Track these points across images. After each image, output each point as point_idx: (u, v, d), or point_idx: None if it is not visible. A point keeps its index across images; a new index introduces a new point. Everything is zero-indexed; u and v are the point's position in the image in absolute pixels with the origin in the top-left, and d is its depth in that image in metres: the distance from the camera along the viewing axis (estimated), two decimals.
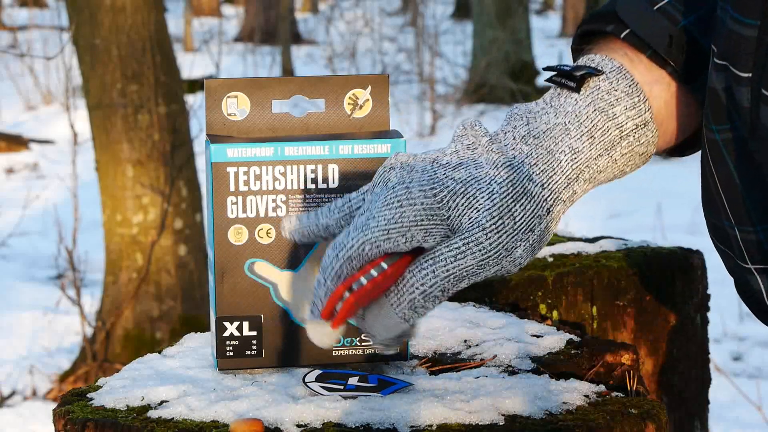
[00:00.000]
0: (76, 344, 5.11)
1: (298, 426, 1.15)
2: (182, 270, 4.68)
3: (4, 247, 6.56)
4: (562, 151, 1.16)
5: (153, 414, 1.18)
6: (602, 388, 1.24)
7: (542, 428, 1.14)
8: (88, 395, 1.24)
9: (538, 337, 1.37)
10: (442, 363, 1.31)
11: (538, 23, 16.90)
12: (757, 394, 4.34)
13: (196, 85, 9.46)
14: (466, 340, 1.37)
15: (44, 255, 6.43)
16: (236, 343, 1.27)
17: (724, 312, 5.21)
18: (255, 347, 1.28)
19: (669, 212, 7.08)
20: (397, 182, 1.13)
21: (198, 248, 4.73)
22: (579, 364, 1.30)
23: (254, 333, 1.27)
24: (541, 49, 13.85)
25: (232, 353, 1.27)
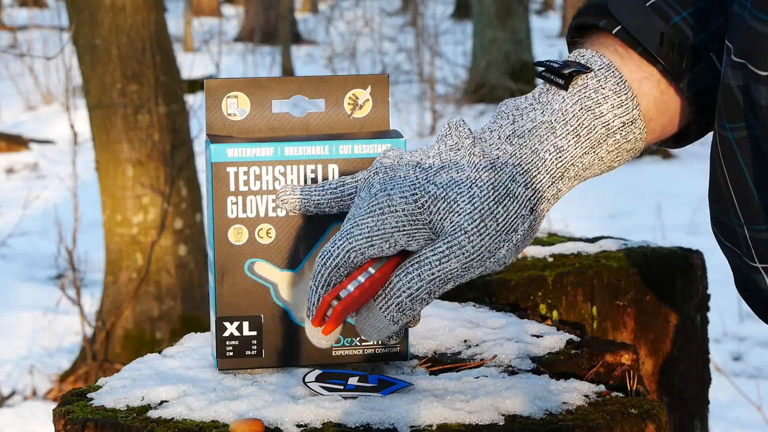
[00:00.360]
0: (76, 344, 5.11)
1: (298, 426, 1.15)
2: (182, 270, 4.68)
3: (4, 247, 6.56)
4: (547, 150, 1.16)
5: (153, 414, 1.18)
6: (602, 388, 1.24)
7: (542, 428, 1.14)
8: (88, 395, 1.24)
9: (538, 337, 1.37)
10: (442, 363, 1.31)
11: (538, 23, 16.90)
12: (757, 394, 4.34)
13: (196, 85, 9.46)
14: (466, 340, 1.37)
15: (44, 255, 6.43)
16: (236, 343, 1.27)
17: (724, 312, 5.21)
18: (255, 347, 1.28)
19: (669, 212, 7.08)
20: (379, 189, 1.16)
21: (198, 248, 4.73)
22: (579, 364, 1.30)
23: (254, 333, 1.27)
24: (541, 49, 13.85)
25: (232, 353, 1.27)
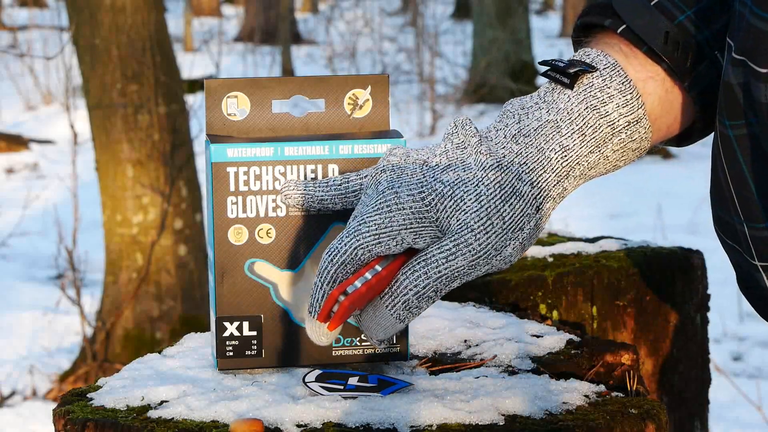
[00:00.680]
0: (76, 344, 5.11)
1: (298, 426, 1.15)
2: (182, 270, 4.68)
3: (4, 247, 6.56)
4: (553, 149, 1.16)
5: (153, 414, 1.18)
6: (602, 388, 1.24)
7: (542, 428, 1.14)
8: (88, 395, 1.24)
9: (538, 337, 1.37)
10: (442, 363, 1.31)
11: (538, 23, 16.90)
12: (757, 394, 4.34)
13: (196, 85, 9.46)
14: (466, 340, 1.37)
15: (44, 255, 6.43)
16: (236, 343, 1.27)
17: (724, 312, 5.21)
18: (255, 347, 1.28)
19: (669, 212, 7.08)
20: (386, 186, 1.16)
21: (198, 248, 4.73)
22: (579, 364, 1.30)
23: (254, 333, 1.27)
24: (541, 49, 13.85)
25: (232, 353, 1.27)
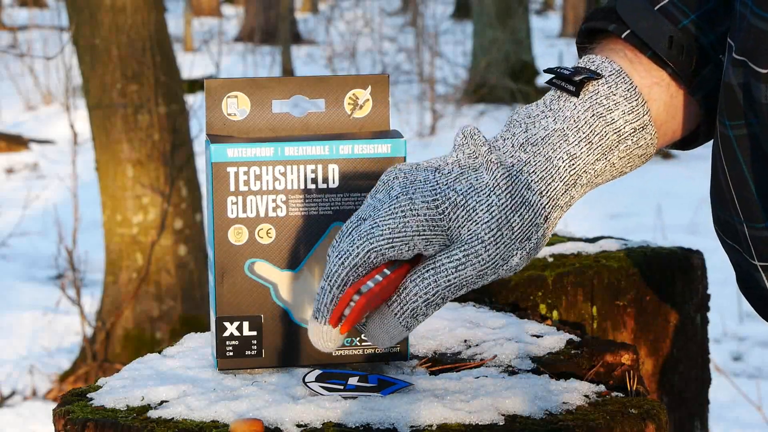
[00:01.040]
0: (76, 344, 5.11)
1: (298, 426, 1.15)
2: (182, 270, 4.68)
3: (4, 247, 6.56)
4: (560, 158, 1.16)
5: (153, 414, 1.18)
6: (602, 388, 1.24)
7: (542, 428, 1.14)
8: (88, 395, 1.24)
9: (538, 337, 1.37)
10: (442, 363, 1.31)
11: (538, 23, 16.90)
12: (757, 394, 4.34)
13: (196, 85, 9.46)
14: (466, 340, 1.37)
15: (44, 255, 6.43)
16: (236, 343, 1.27)
17: (724, 312, 5.21)
18: (255, 347, 1.28)
19: (669, 212, 7.08)
20: (400, 191, 1.15)
21: (198, 248, 4.73)
22: (579, 364, 1.30)
23: (254, 333, 1.27)
24: (541, 49, 13.84)
25: (232, 353, 1.27)
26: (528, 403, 1.18)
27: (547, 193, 1.16)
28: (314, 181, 1.27)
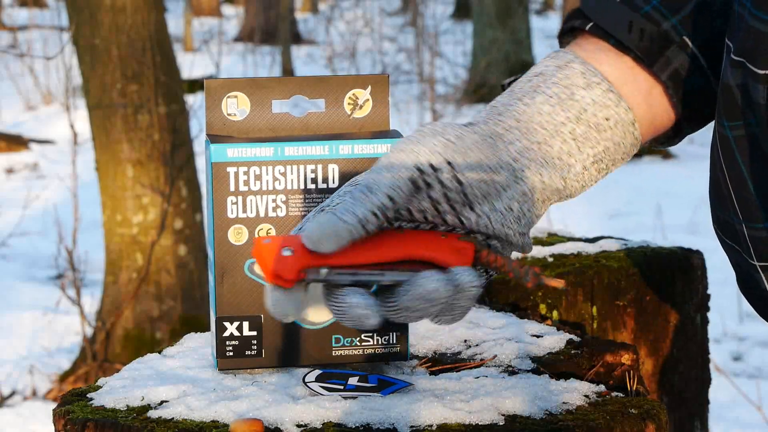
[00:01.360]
0: (76, 344, 5.11)
1: (298, 426, 1.15)
2: (182, 270, 4.68)
3: (4, 247, 6.56)
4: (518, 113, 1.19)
5: (153, 414, 1.18)
6: (602, 388, 1.24)
7: (542, 428, 1.14)
8: (88, 395, 1.24)
9: (538, 337, 1.37)
10: (442, 363, 1.31)
11: (538, 23, 16.90)
12: (757, 394, 4.34)
13: (196, 85, 9.46)
14: (466, 340, 1.37)
15: (44, 255, 6.44)
16: (236, 343, 1.27)
17: (724, 312, 5.21)
18: (255, 347, 1.28)
19: (669, 212, 7.08)
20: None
21: (198, 248, 4.73)
22: (579, 364, 1.30)
23: (254, 333, 1.27)
24: (541, 49, 13.84)
25: (232, 353, 1.27)
26: (528, 403, 1.18)
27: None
28: (314, 181, 1.27)
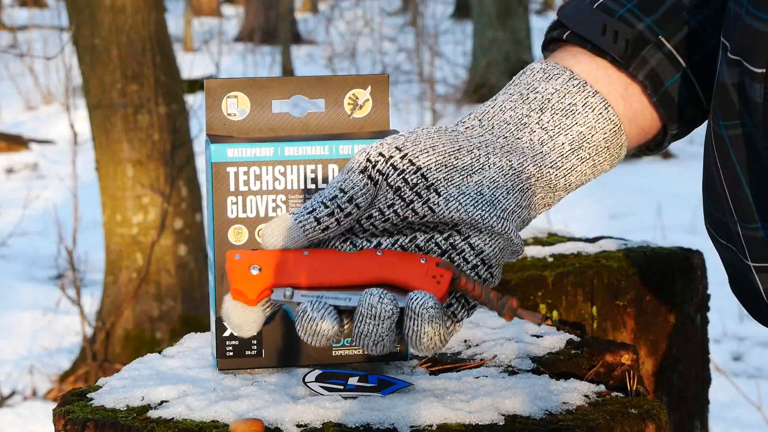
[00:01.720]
0: (76, 344, 5.11)
1: (298, 426, 1.15)
2: (182, 270, 4.68)
3: (4, 247, 6.56)
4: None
5: (153, 414, 1.18)
6: (602, 388, 1.24)
7: (542, 428, 1.14)
8: (88, 395, 1.24)
9: (538, 337, 1.37)
10: (442, 363, 1.31)
11: (538, 23, 16.88)
12: (757, 394, 4.34)
13: (196, 85, 9.46)
14: (466, 340, 1.37)
15: (44, 255, 6.44)
16: (236, 343, 1.27)
17: (724, 312, 5.21)
18: (255, 347, 1.28)
19: (669, 212, 7.08)
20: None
21: (198, 248, 4.73)
22: (579, 364, 1.30)
23: None
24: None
25: (232, 353, 1.27)
26: (528, 403, 1.18)
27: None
28: (314, 181, 1.27)
